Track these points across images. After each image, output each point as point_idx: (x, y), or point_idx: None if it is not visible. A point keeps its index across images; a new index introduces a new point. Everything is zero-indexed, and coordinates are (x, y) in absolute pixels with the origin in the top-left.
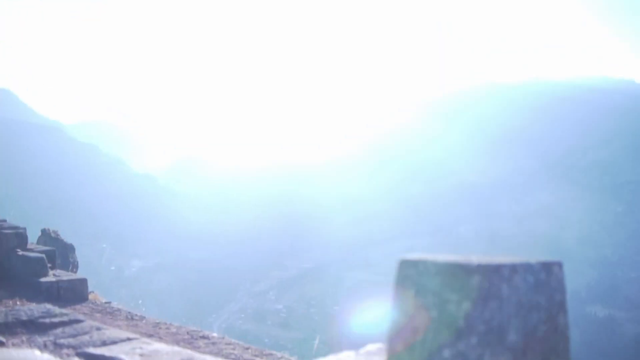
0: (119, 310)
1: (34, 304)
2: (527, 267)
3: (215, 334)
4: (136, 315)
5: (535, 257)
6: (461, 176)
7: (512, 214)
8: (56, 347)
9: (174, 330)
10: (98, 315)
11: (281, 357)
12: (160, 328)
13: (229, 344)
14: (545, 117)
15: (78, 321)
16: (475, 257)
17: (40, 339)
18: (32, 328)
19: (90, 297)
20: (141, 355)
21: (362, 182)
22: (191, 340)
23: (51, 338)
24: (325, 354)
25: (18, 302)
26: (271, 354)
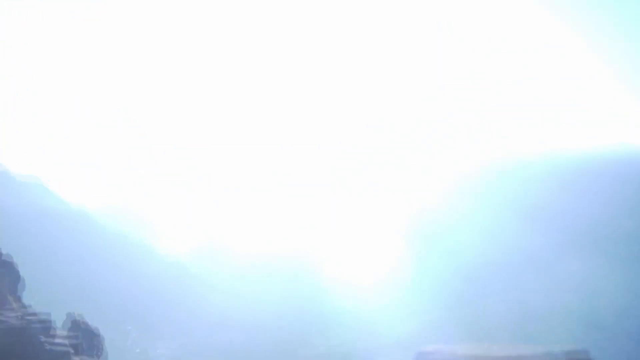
0: None
1: None
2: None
3: None
4: None
5: (568, 331)
6: (489, 251)
7: (543, 287)
8: None
9: None
10: None
11: None
12: None
13: None
14: (569, 189)
15: None
16: (497, 347)
17: None
18: None
19: None
20: None
21: (395, 259)
22: None
23: None
24: None
25: None
26: None
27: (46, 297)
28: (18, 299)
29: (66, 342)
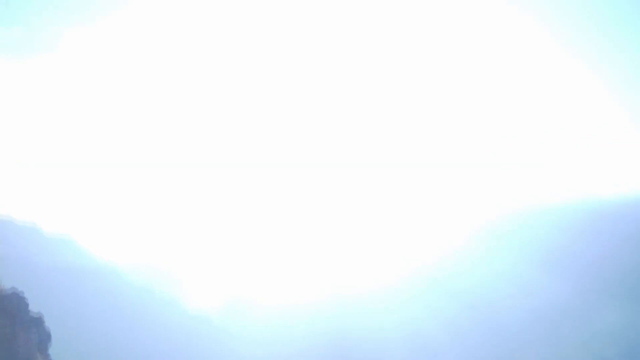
0: None
1: None
2: None
3: None
4: None
5: None
6: (517, 299)
7: (579, 338)
8: None
9: None
10: None
11: None
12: None
13: None
14: (597, 235)
15: None
16: None
17: None
18: None
19: None
20: None
21: (414, 306)
22: None
23: None
24: None
25: None
26: None
27: (74, 353)
28: (47, 356)
29: None
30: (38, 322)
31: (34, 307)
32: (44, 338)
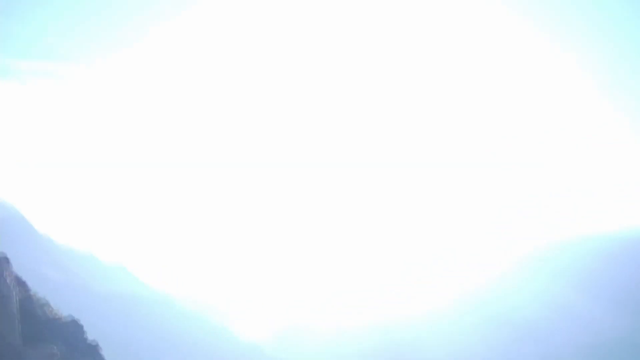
0: None
1: None
2: None
3: None
4: None
5: None
6: (579, 336)
7: (615, 354)
8: None
9: None
10: None
11: None
12: None
13: None
14: (632, 262)
15: None
16: None
17: None
18: None
19: None
20: None
21: (460, 328)
22: None
23: None
24: None
25: None
26: None
27: None
28: None
29: None
30: (94, 349)
31: (90, 334)
32: None
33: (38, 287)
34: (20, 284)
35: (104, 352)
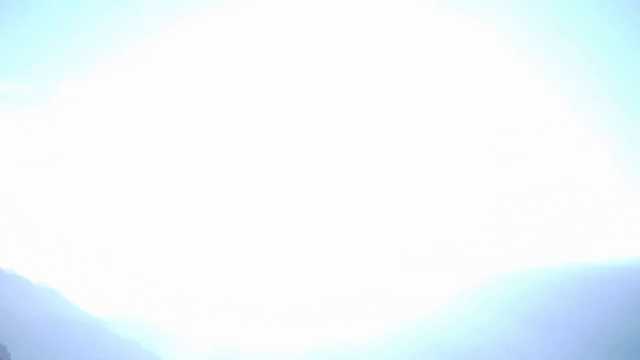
0: None
1: None
2: None
3: None
4: None
5: None
6: (501, 358)
7: None
8: None
9: None
10: None
11: None
12: None
13: None
14: (585, 299)
15: None
16: None
17: None
18: None
19: None
20: None
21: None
22: None
23: None
24: None
25: None
26: None
27: None
28: None
29: None
30: None
31: (15, 358)
32: None
33: None
34: None
35: None
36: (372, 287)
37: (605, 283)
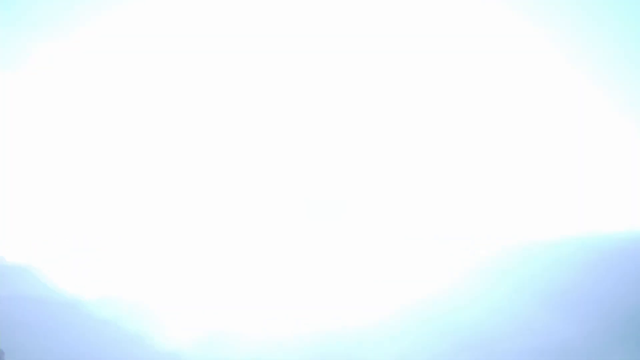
0: None
1: None
2: None
3: None
4: None
5: None
6: (517, 339)
7: None
8: None
9: None
10: None
11: None
12: None
13: None
14: (606, 274)
15: None
16: None
17: None
18: None
19: None
20: None
21: (406, 343)
22: None
23: None
24: None
25: None
26: None
27: None
28: None
29: None
30: None
31: None
32: None
33: None
34: None
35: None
36: (374, 264)
37: (632, 257)
